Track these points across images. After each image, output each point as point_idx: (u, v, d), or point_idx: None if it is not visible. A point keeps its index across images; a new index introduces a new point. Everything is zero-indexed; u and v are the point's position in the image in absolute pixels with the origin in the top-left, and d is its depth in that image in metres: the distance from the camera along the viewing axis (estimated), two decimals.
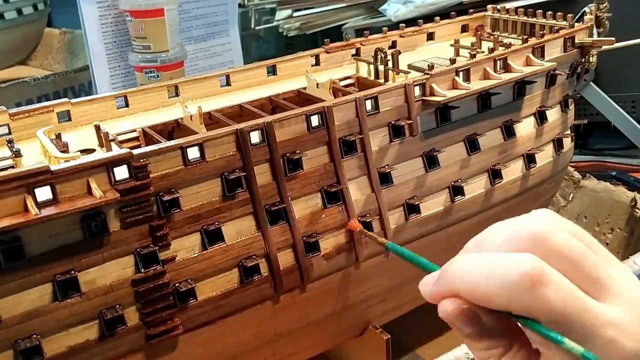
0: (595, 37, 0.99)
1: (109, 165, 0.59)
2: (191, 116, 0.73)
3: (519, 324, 0.35)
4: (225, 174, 0.66)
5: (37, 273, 0.57)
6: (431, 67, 0.80)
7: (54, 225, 0.57)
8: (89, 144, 0.72)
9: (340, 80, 0.87)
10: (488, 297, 0.33)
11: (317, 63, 0.95)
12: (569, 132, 1.00)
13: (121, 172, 0.60)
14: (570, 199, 1.19)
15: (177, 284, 0.64)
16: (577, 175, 1.19)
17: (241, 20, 1.56)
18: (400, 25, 1.04)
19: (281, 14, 1.63)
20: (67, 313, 0.58)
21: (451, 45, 0.99)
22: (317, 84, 0.82)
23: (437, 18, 1.07)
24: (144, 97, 0.83)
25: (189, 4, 1.33)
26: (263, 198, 0.68)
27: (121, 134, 0.74)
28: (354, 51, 0.97)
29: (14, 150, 0.65)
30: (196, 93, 0.87)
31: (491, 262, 0.33)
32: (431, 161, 0.80)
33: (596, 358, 0.31)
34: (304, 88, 0.85)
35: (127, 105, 0.82)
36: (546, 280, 0.32)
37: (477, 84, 0.82)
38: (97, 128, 0.72)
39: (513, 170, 0.89)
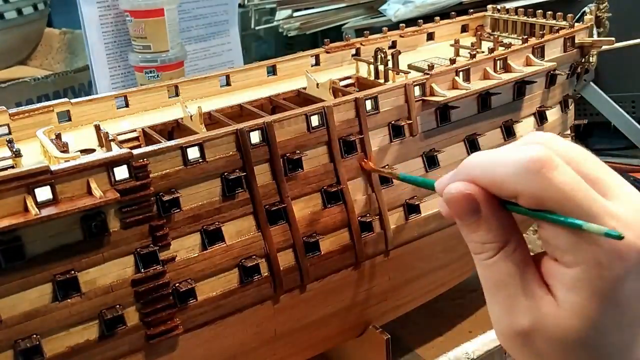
0: (595, 37, 0.99)
1: (109, 165, 0.59)
2: (191, 116, 0.73)
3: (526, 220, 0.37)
4: (225, 174, 0.66)
5: (37, 273, 0.57)
6: (431, 67, 0.80)
7: (54, 225, 0.57)
8: (89, 144, 0.72)
9: (340, 80, 0.87)
10: (501, 180, 0.35)
11: (317, 63, 0.95)
12: (569, 132, 1.00)
13: (121, 172, 0.60)
14: None
15: (177, 284, 0.64)
16: None
17: (241, 20, 1.56)
18: (400, 25, 1.04)
19: (281, 14, 1.63)
20: (67, 313, 0.58)
21: (451, 45, 0.99)
22: (317, 84, 0.82)
23: (437, 18, 1.07)
24: (144, 97, 0.83)
25: (189, 4, 1.33)
26: (263, 198, 0.68)
27: (121, 134, 0.74)
28: (354, 51, 0.97)
29: (14, 150, 0.65)
30: (196, 93, 0.87)
31: (504, 151, 0.36)
32: (431, 161, 0.80)
33: (619, 234, 0.32)
34: (304, 88, 0.85)
35: (127, 105, 0.82)
36: (555, 165, 0.34)
37: (477, 84, 0.82)
38: (97, 128, 0.72)
39: None
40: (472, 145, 0.84)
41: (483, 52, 0.90)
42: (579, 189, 0.34)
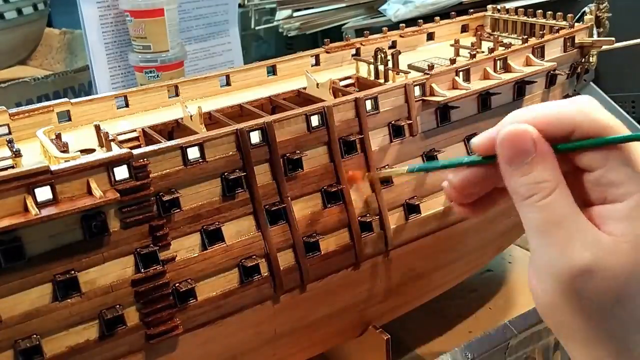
0: (595, 37, 0.99)
1: (109, 165, 0.59)
2: (191, 116, 0.73)
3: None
4: (225, 174, 0.66)
5: (37, 273, 0.57)
6: (431, 67, 0.80)
7: (54, 225, 0.57)
8: (89, 144, 0.72)
9: (340, 80, 0.87)
10: (557, 114, 0.37)
11: (317, 63, 0.95)
12: None
13: (121, 172, 0.60)
14: None
15: (177, 284, 0.64)
16: None
17: (241, 20, 1.56)
18: (400, 25, 1.04)
19: (281, 14, 1.63)
20: (67, 313, 0.58)
21: (451, 45, 0.99)
22: (317, 84, 0.82)
23: (437, 18, 1.07)
24: (144, 97, 0.83)
25: (189, 4, 1.33)
26: (263, 198, 0.68)
27: (121, 134, 0.74)
28: (354, 51, 0.97)
29: (14, 150, 0.65)
30: (196, 93, 0.87)
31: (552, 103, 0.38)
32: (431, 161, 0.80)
33: None
34: (304, 88, 0.85)
35: (127, 105, 0.82)
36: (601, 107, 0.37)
37: (477, 84, 0.82)
38: (97, 128, 0.72)
39: None
40: None
41: (483, 52, 0.90)
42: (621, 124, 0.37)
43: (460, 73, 0.81)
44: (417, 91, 0.78)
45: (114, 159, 0.59)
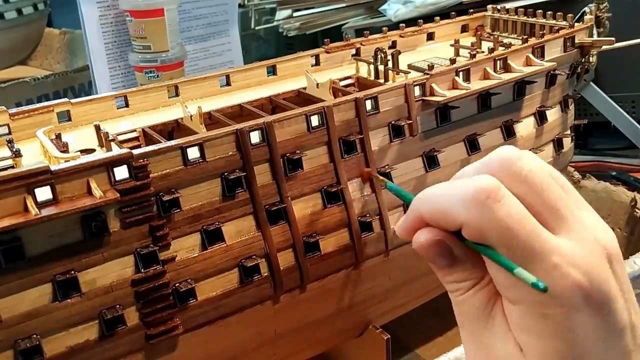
0: (595, 37, 0.99)
1: (109, 165, 0.59)
2: (191, 116, 0.73)
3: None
4: (225, 174, 0.66)
5: (37, 273, 0.57)
6: (431, 67, 0.80)
7: (54, 225, 0.57)
8: (89, 144, 0.72)
9: (340, 80, 0.87)
10: (447, 214, 0.34)
11: (317, 63, 0.95)
12: (569, 132, 1.00)
13: (121, 172, 0.60)
14: None
15: (177, 284, 0.64)
16: (577, 175, 1.19)
17: (241, 20, 1.56)
18: (400, 25, 1.04)
19: (281, 14, 1.63)
20: (67, 313, 0.58)
21: (451, 45, 0.99)
22: (317, 84, 0.82)
23: (437, 18, 1.07)
24: (144, 97, 0.83)
25: (189, 4, 1.33)
26: (263, 198, 0.68)
27: (121, 134, 0.74)
28: (354, 51, 0.97)
29: (14, 150, 0.65)
30: (196, 93, 0.87)
31: (453, 184, 0.35)
32: (431, 161, 0.80)
33: (545, 286, 0.31)
34: (304, 88, 0.85)
35: (127, 105, 0.82)
36: (500, 196, 0.33)
37: (477, 84, 0.82)
38: (97, 128, 0.72)
39: None
40: (472, 145, 0.84)
41: (483, 52, 0.90)
42: (523, 223, 0.33)
43: (460, 73, 0.81)
44: (417, 91, 0.78)
45: (114, 159, 0.59)
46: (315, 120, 0.71)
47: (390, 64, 0.84)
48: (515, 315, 0.34)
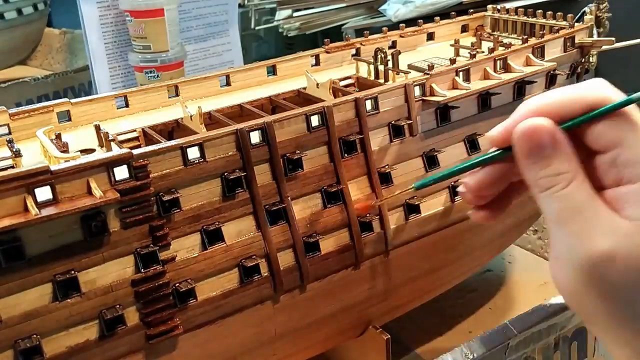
0: (595, 37, 0.99)
1: (109, 165, 0.59)
2: (191, 116, 0.73)
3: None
4: (225, 174, 0.66)
5: (37, 273, 0.57)
6: (431, 67, 0.80)
7: (54, 225, 0.57)
8: (89, 144, 0.72)
9: (340, 80, 0.87)
10: (572, 97, 0.37)
11: (317, 63, 0.95)
12: None
13: (121, 172, 0.60)
14: None
15: (177, 284, 0.64)
16: None
17: (241, 20, 1.56)
18: (400, 25, 1.04)
19: (281, 14, 1.63)
20: (67, 313, 0.58)
21: (451, 45, 0.99)
22: (317, 84, 0.82)
23: (437, 18, 1.07)
24: (144, 97, 0.83)
25: (189, 4, 1.33)
26: (263, 198, 0.68)
27: (121, 134, 0.74)
28: (354, 51, 0.97)
29: (14, 150, 0.65)
30: (196, 93, 0.87)
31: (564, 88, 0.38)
32: (431, 161, 0.80)
33: None
34: (304, 88, 0.85)
35: (127, 105, 0.82)
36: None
37: (477, 84, 0.82)
38: (97, 128, 0.72)
39: None
40: (472, 145, 0.84)
41: (483, 52, 0.90)
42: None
43: (460, 73, 0.81)
44: (417, 91, 0.78)
45: (114, 159, 0.59)
46: (315, 120, 0.71)
47: (390, 64, 0.84)
48: (638, 189, 0.35)
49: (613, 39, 0.95)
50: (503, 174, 0.41)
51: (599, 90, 0.37)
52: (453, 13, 1.10)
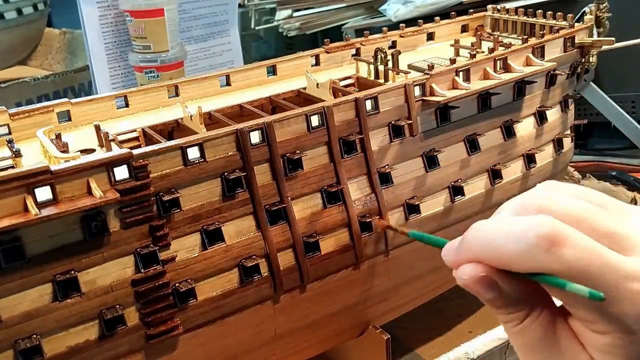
0: (595, 37, 0.99)
1: (109, 165, 0.59)
2: (191, 116, 0.73)
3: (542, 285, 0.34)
4: (225, 174, 0.66)
5: (37, 273, 0.57)
6: (431, 67, 0.80)
7: (54, 225, 0.57)
8: (89, 144, 0.72)
9: (340, 80, 0.87)
10: (506, 260, 0.33)
11: (317, 63, 0.95)
12: (569, 132, 1.00)
13: (121, 172, 0.60)
14: None
15: (177, 284, 0.64)
16: (577, 175, 1.19)
17: (241, 20, 1.56)
18: (400, 25, 1.04)
19: (281, 14, 1.63)
20: (67, 313, 0.58)
21: (451, 45, 0.99)
22: (317, 84, 0.82)
23: (437, 18, 1.07)
24: (144, 97, 0.83)
25: (189, 4, 1.33)
26: (263, 198, 0.68)
27: (121, 134, 0.74)
28: (354, 51, 0.97)
29: (14, 150, 0.65)
30: (196, 93, 0.87)
31: (508, 225, 0.33)
32: (431, 161, 0.80)
33: (601, 296, 0.31)
34: (304, 88, 0.85)
35: (127, 105, 0.82)
36: (563, 239, 0.32)
37: (477, 84, 0.82)
38: (97, 128, 0.72)
39: (513, 170, 0.89)
40: (472, 145, 0.84)
41: (483, 52, 0.90)
42: (591, 261, 0.32)
43: (460, 73, 0.81)
44: (417, 91, 0.78)
45: (114, 159, 0.59)
46: (315, 120, 0.71)
47: (390, 64, 0.84)
48: (603, 344, 0.33)
49: (613, 39, 0.95)
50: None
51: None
52: (453, 13, 1.10)
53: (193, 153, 0.64)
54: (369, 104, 0.75)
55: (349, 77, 0.90)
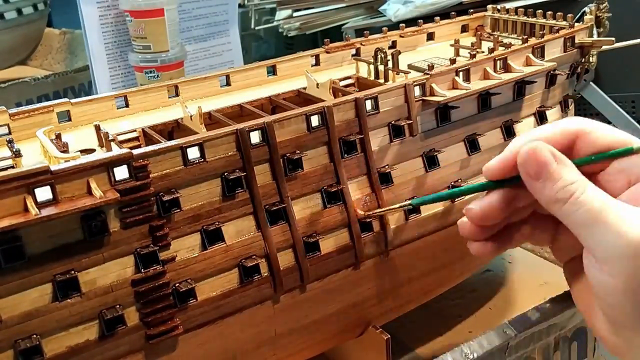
0: (595, 37, 0.99)
1: (109, 165, 0.59)
2: (191, 116, 0.73)
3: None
4: (225, 174, 0.66)
5: (37, 273, 0.57)
6: (431, 67, 0.80)
7: (54, 225, 0.57)
8: (89, 144, 0.72)
9: (340, 80, 0.87)
10: (562, 130, 0.42)
11: (317, 63, 0.95)
12: None
13: (121, 172, 0.60)
14: None
15: (177, 284, 0.64)
16: None
17: (241, 20, 1.56)
18: (400, 25, 1.04)
19: (281, 14, 1.63)
20: (67, 313, 0.58)
21: (451, 45, 0.99)
22: (317, 84, 0.82)
23: (437, 18, 1.07)
24: (144, 97, 0.83)
25: (189, 4, 1.33)
26: (263, 198, 0.68)
27: (121, 134, 0.74)
28: (354, 51, 0.97)
29: (14, 150, 0.65)
30: (196, 93, 0.87)
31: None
32: (431, 161, 0.80)
33: None
34: (304, 88, 0.85)
35: (127, 105, 0.82)
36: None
37: (477, 84, 0.82)
38: (97, 128, 0.72)
39: None
40: (472, 145, 0.84)
41: (483, 52, 0.90)
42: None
43: (460, 73, 0.81)
44: (417, 91, 0.78)
45: (114, 159, 0.59)
46: (315, 120, 0.71)
47: (390, 64, 0.84)
48: None
49: (613, 39, 0.95)
50: (507, 202, 0.43)
51: (579, 123, 0.41)
52: (453, 13, 1.10)
53: (193, 153, 0.64)
54: (369, 104, 0.75)
55: (349, 77, 0.90)
